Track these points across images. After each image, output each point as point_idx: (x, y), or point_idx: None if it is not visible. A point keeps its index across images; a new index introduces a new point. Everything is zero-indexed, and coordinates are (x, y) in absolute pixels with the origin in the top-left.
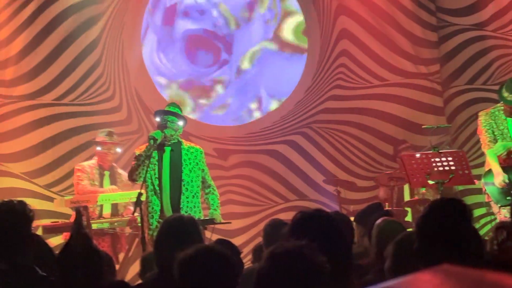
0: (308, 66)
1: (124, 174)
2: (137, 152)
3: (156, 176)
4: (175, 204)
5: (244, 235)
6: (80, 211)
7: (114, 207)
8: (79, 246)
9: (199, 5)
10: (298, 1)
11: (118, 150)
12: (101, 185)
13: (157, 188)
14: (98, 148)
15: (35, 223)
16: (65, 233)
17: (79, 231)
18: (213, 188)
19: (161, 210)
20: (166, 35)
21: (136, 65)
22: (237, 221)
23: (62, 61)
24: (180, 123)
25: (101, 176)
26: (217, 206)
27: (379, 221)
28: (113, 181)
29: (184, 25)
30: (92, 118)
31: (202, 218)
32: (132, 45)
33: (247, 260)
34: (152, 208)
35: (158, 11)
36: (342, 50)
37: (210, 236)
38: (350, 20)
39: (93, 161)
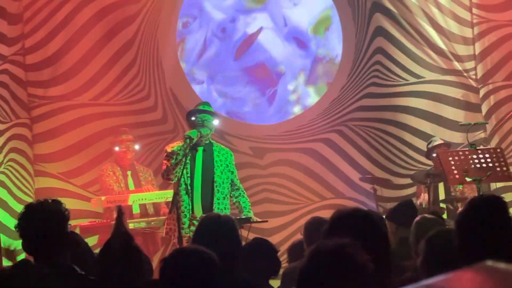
0: (343, 64)
1: (147, 170)
2: (169, 150)
3: (189, 175)
4: (207, 205)
5: (281, 233)
6: (122, 210)
7: (143, 207)
8: (120, 245)
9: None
10: (333, 1)
11: (136, 147)
12: (126, 186)
13: (189, 187)
14: (117, 148)
15: (73, 223)
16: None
17: (120, 229)
18: (242, 191)
19: (192, 210)
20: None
21: (171, 64)
22: (273, 219)
23: (97, 61)
24: (215, 122)
25: (125, 177)
26: (250, 208)
27: (417, 218)
28: (136, 179)
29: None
30: (128, 118)
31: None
32: (167, 44)
33: (284, 259)
34: (185, 207)
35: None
36: (377, 47)
37: (247, 235)
38: (385, 18)
39: (113, 164)
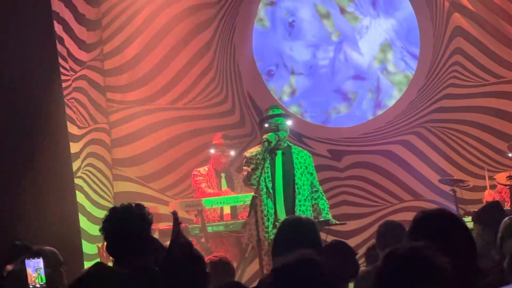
0: (421, 65)
1: (240, 176)
2: (248, 155)
3: (270, 179)
4: (289, 207)
5: (359, 236)
6: (177, 216)
7: (234, 209)
8: (178, 256)
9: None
10: (410, 1)
11: (232, 153)
12: (219, 187)
13: (271, 191)
14: (212, 151)
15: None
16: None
17: (177, 238)
18: (321, 193)
19: (275, 213)
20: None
21: (248, 67)
22: (352, 222)
23: (175, 66)
24: (289, 123)
25: (219, 178)
26: (328, 210)
27: (506, 219)
28: (230, 183)
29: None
30: (205, 122)
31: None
32: (244, 48)
33: (362, 262)
34: (268, 211)
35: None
36: (456, 48)
37: (325, 237)
38: (464, 17)
39: (208, 166)
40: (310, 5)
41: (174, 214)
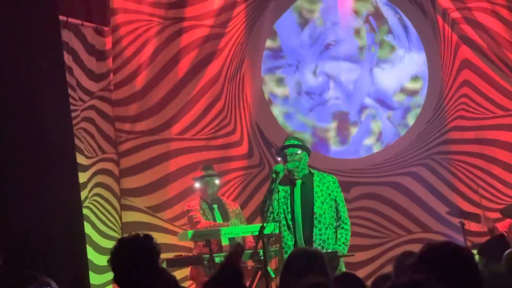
0: (429, 97)
1: (234, 204)
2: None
3: (289, 211)
4: (308, 238)
5: (368, 267)
6: (241, 247)
7: (232, 239)
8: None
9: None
10: (418, 34)
11: (217, 181)
12: (214, 219)
13: (290, 223)
14: (197, 185)
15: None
16: None
17: (232, 267)
18: (343, 222)
19: (295, 245)
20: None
21: (257, 98)
22: (360, 253)
23: (183, 96)
24: (301, 152)
25: (211, 210)
26: (343, 242)
27: (509, 250)
28: (224, 212)
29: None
30: (214, 153)
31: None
32: (253, 78)
33: None
34: (286, 243)
35: None
36: (464, 80)
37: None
38: (472, 50)
39: (196, 201)
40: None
41: (239, 246)
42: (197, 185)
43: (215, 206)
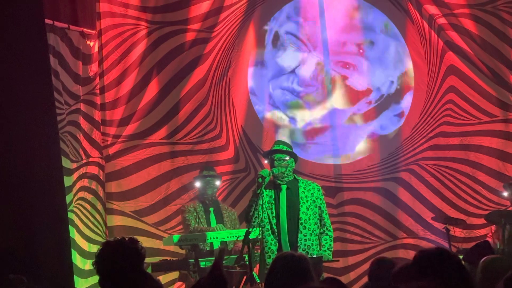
0: (415, 103)
1: (231, 209)
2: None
3: (273, 215)
4: (293, 243)
5: (353, 273)
6: (223, 251)
7: (223, 244)
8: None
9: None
10: (405, 41)
11: (217, 183)
12: (208, 223)
13: (274, 227)
14: (197, 184)
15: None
16: None
17: (214, 273)
18: (327, 228)
19: (279, 250)
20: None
21: (243, 102)
22: (345, 259)
23: (169, 100)
24: (288, 159)
25: (207, 213)
26: (327, 248)
27: (484, 258)
28: (219, 217)
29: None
30: (200, 157)
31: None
32: (239, 83)
33: None
34: (269, 248)
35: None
36: (450, 86)
37: (320, 274)
38: (458, 56)
39: (195, 200)
40: None
41: (222, 250)
42: (197, 184)
43: (211, 209)
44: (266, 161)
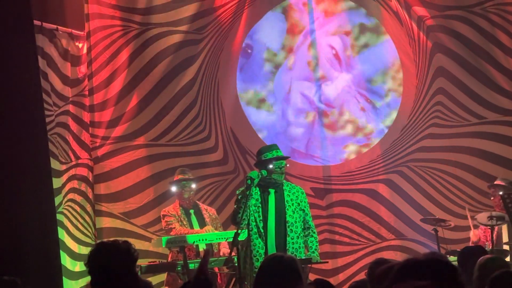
0: (404, 104)
1: (211, 209)
2: (239, 194)
3: (261, 218)
4: (281, 246)
5: (342, 274)
6: (208, 252)
7: (209, 246)
8: None
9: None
10: (394, 42)
11: (193, 186)
12: (190, 225)
13: (262, 230)
14: (173, 189)
15: None
16: None
17: (199, 275)
18: (312, 230)
19: (266, 253)
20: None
21: (231, 104)
22: (334, 260)
23: (158, 102)
24: (278, 163)
25: (188, 215)
26: (315, 249)
27: (480, 258)
28: (200, 218)
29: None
30: (189, 159)
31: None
32: (227, 84)
33: None
34: (257, 251)
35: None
36: (439, 88)
37: (307, 275)
38: (447, 58)
39: (174, 205)
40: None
41: (207, 251)
42: (173, 189)
43: (191, 211)
44: (271, 166)
